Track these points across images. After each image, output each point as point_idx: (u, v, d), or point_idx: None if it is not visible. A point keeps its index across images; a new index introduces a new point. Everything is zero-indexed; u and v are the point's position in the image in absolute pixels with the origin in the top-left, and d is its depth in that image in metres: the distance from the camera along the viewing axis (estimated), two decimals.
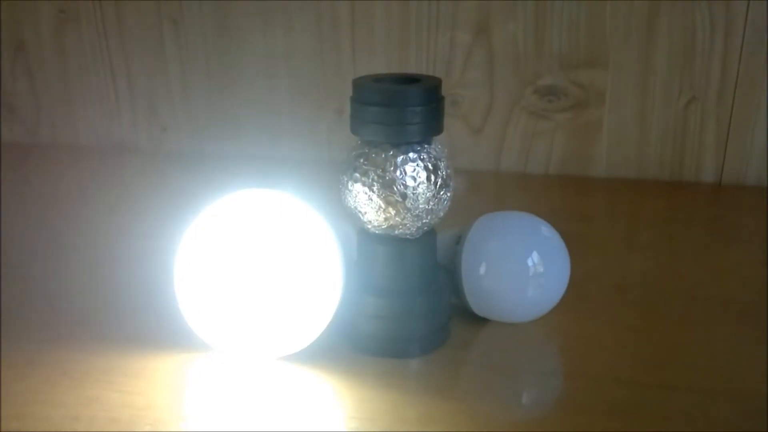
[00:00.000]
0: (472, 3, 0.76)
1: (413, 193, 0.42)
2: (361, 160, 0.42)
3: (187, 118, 0.87)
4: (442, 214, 0.44)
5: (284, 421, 0.39)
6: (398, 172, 0.41)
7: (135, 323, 0.49)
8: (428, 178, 0.42)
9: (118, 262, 0.59)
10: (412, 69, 0.79)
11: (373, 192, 0.42)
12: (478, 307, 0.47)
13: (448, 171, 0.43)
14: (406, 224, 0.43)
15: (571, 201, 0.47)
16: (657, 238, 0.65)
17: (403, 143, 0.42)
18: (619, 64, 0.76)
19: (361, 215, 0.43)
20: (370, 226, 0.44)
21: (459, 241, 0.48)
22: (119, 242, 0.63)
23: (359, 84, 0.42)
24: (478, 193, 0.74)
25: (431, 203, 0.42)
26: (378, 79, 0.43)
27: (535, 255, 0.46)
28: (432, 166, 0.42)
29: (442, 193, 0.43)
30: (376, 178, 0.42)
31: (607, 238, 0.65)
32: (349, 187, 0.43)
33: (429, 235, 0.45)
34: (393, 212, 0.42)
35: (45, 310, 0.51)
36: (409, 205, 0.42)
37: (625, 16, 0.74)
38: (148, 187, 0.78)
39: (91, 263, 0.59)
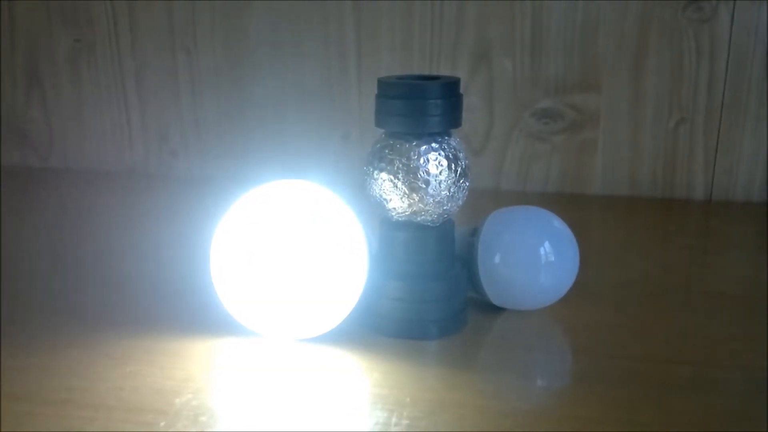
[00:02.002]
0: (471, 35, 0.81)
1: (436, 180, 0.45)
2: (387, 151, 0.46)
3: (197, 144, 0.91)
4: (461, 202, 0.47)
5: (313, 391, 0.42)
6: (422, 161, 0.45)
7: (171, 310, 0.51)
8: (449, 167, 0.45)
9: (150, 262, 0.61)
10: None
11: (398, 179, 0.45)
12: (493, 295, 0.50)
13: (467, 162, 0.47)
14: (428, 210, 0.46)
15: (569, 216, 0.51)
16: (653, 245, 0.69)
17: (425, 134, 0.45)
18: (611, 88, 0.80)
19: (386, 203, 0.46)
20: (394, 213, 0.47)
21: (474, 233, 0.51)
22: (150, 247, 0.65)
23: (385, 81, 0.46)
24: (481, 208, 0.77)
25: (452, 190, 0.46)
26: (401, 77, 0.47)
27: (546, 245, 0.49)
28: (452, 155, 0.45)
29: (461, 181, 0.46)
30: (401, 166, 0.45)
31: (605, 245, 0.68)
32: (375, 176, 0.46)
33: (448, 223, 0.48)
34: (417, 198, 0.45)
35: (82, 300, 0.54)
36: (431, 192, 0.45)
37: (616, 42, 0.79)
38: (163, 207, 0.81)
39: (126, 263, 0.62)
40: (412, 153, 0.45)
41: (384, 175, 0.45)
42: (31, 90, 0.93)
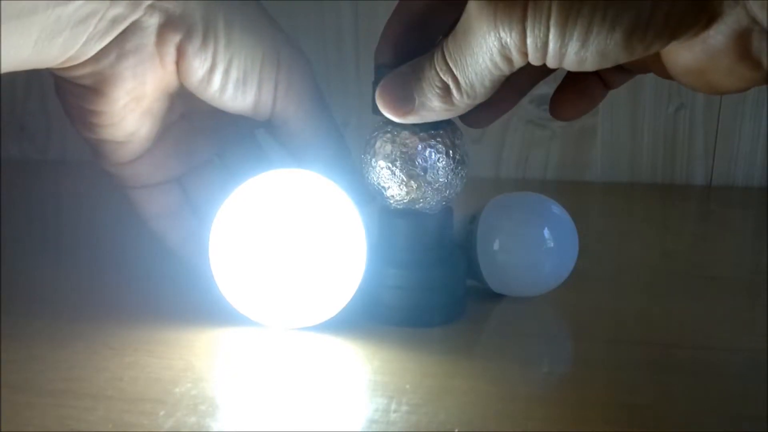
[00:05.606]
0: None
1: (433, 167, 0.45)
2: (384, 138, 0.45)
3: None
4: (459, 189, 0.47)
5: (312, 379, 0.42)
6: (419, 147, 0.44)
7: (170, 300, 0.51)
8: (447, 154, 0.45)
9: (148, 252, 0.60)
10: None
11: (396, 167, 0.45)
12: (492, 282, 0.50)
13: (465, 148, 0.46)
14: (426, 198, 0.46)
15: (569, 202, 0.51)
16: (654, 230, 0.69)
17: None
18: None
19: (384, 191, 0.46)
20: (392, 201, 0.47)
21: (473, 220, 0.51)
22: (149, 237, 0.64)
23: (381, 67, 0.45)
24: (480, 195, 0.77)
25: (450, 177, 0.45)
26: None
27: (546, 231, 0.49)
28: (450, 142, 0.45)
29: (459, 168, 0.46)
30: (399, 154, 0.45)
31: (605, 231, 0.68)
32: (373, 164, 0.46)
33: (447, 210, 0.48)
34: (414, 186, 0.45)
35: (81, 291, 0.54)
36: (429, 179, 0.45)
37: None
38: None
39: (124, 254, 0.61)
40: (409, 140, 0.44)
41: (382, 163, 0.45)
42: (30, 81, 0.93)
